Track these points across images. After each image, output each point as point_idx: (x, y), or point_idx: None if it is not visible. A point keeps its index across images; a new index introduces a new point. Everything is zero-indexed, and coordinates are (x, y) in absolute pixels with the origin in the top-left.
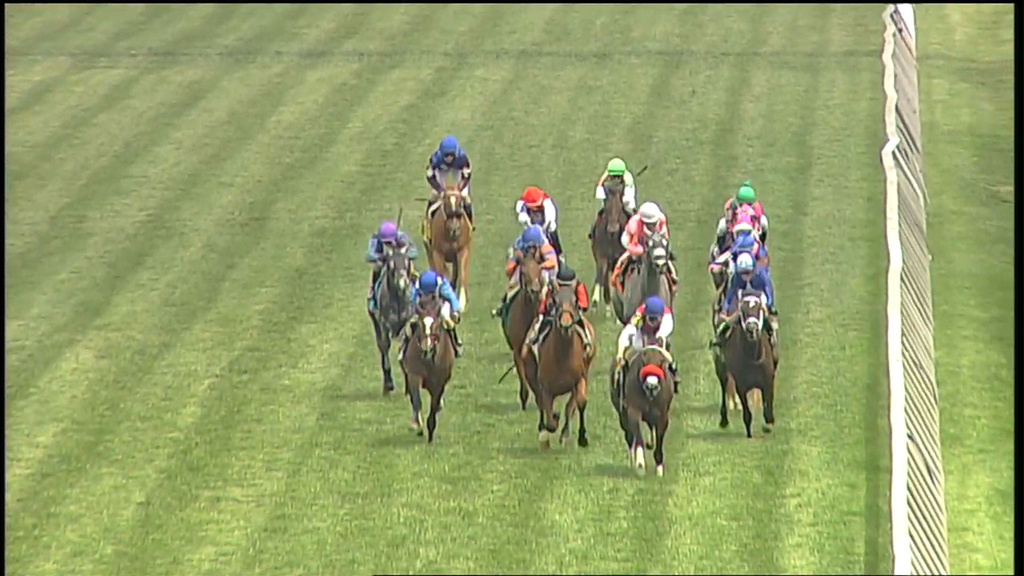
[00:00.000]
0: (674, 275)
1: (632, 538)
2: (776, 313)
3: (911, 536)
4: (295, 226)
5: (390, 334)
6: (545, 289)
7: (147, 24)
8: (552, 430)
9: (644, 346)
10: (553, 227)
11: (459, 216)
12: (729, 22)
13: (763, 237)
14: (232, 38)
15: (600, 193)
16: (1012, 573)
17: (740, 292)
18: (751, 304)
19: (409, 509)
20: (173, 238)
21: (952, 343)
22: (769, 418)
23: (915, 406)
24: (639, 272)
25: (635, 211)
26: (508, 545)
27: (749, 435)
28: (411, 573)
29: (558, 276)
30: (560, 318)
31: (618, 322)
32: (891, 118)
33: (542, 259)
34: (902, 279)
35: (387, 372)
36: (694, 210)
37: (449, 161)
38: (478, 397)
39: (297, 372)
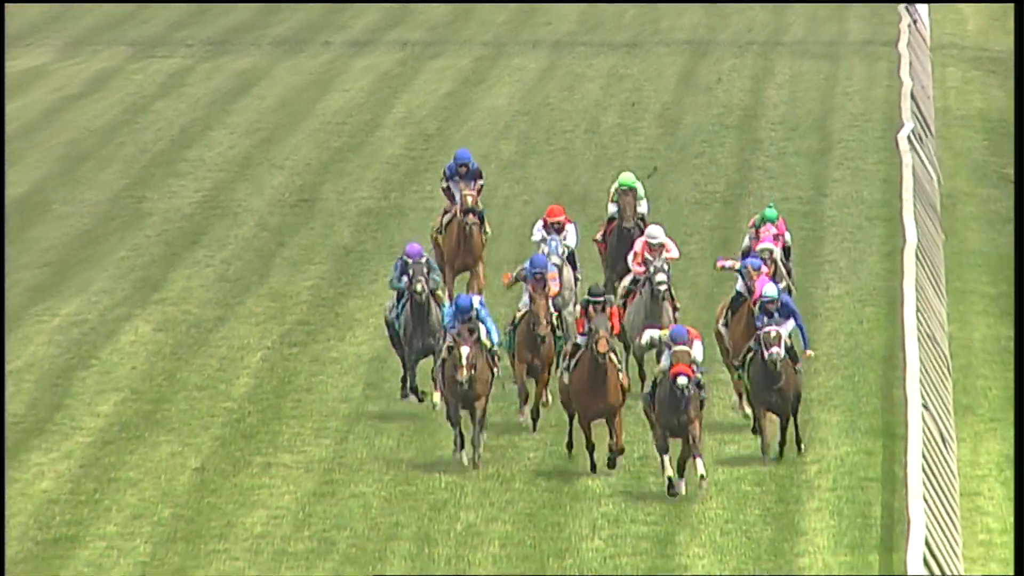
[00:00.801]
0: (676, 301)
1: (661, 502)
2: (807, 349)
3: (925, 501)
4: (342, 206)
5: (416, 361)
6: (578, 308)
7: (201, 16)
8: (590, 450)
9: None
10: (573, 246)
11: (474, 212)
12: (752, 13)
13: (787, 252)
14: (282, 29)
15: (612, 208)
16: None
17: (764, 319)
18: (772, 335)
19: (450, 475)
20: (227, 217)
21: (964, 318)
22: (782, 443)
23: (929, 377)
24: (641, 295)
25: (646, 219)
26: (544, 509)
27: (781, 455)
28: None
29: (589, 293)
30: (596, 344)
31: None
32: (906, 104)
33: (546, 286)
34: (917, 257)
35: (414, 390)
36: (720, 191)
37: (463, 172)
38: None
39: (344, 345)
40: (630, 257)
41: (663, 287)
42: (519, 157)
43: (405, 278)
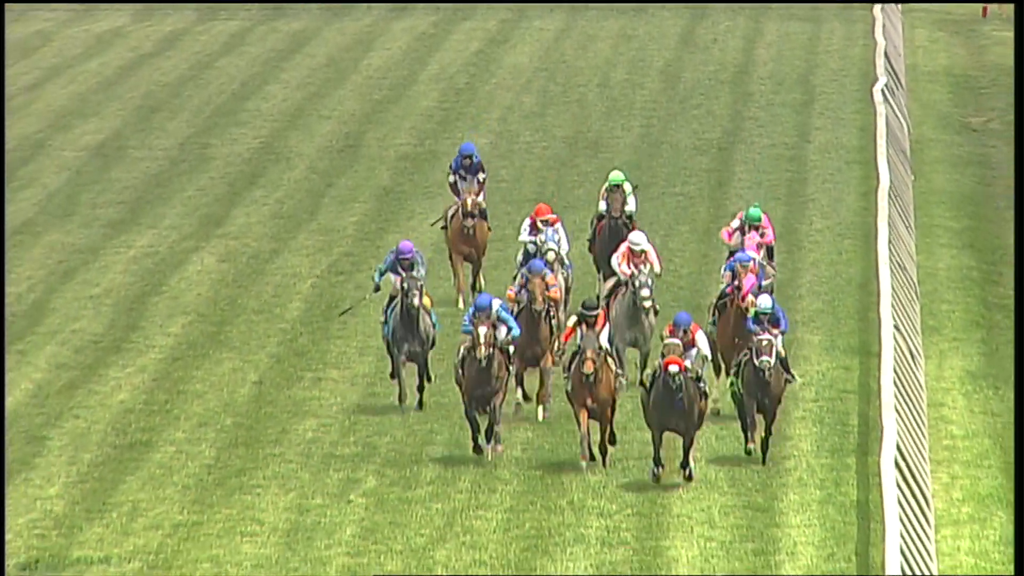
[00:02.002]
0: (656, 306)
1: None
2: (788, 366)
3: (896, 411)
4: (383, 151)
5: (403, 364)
6: (573, 319)
7: None
8: (586, 440)
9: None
10: (566, 247)
11: (474, 216)
12: None
13: (770, 253)
14: None
15: (603, 205)
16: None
17: (757, 328)
18: (764, 343)
19: None
20: (281, 161)
21: (931, 249)
22: (765, 445)
23: (900, 301)
24: (624, 299)
25: (633, 218)
26: (561, 418)
27: (764, 457)
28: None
29: (583, 306)
30: (583, 365)
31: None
32: (880, 61)
33: (547, 287)
34: (889, 196)
35: (400, 392)
36: (716, 138)
37: (467, 165)
38: None
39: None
40: (615, 259)
41: (647, 304)
42: (539, 108)
43: (394, 277)
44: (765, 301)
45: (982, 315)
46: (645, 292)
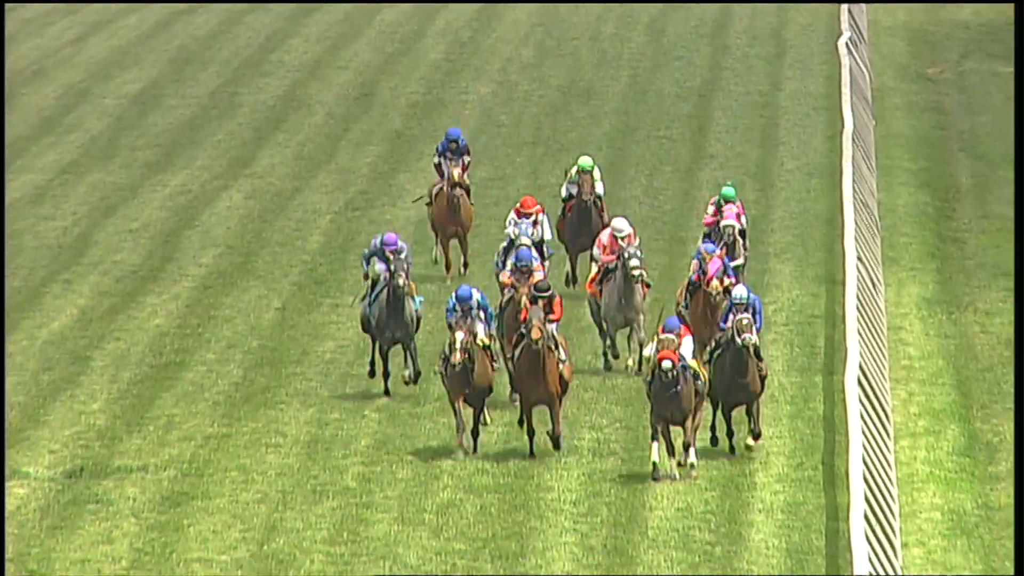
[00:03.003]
0: (647, 280)
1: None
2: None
3: (859, 334)
4: (395, 99)
5: (388, 350)
6: (525, 299)
7: None
8: (530, 435)
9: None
10: (548, 237)
11: (461, 186)
12: None
13: (743, 233)
14: None
15: (564, 191)
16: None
17: (734, 312)
18: (744, 322)
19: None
20: (302, 108)
21: (891, 187)
22: (756, 434)
23: (863, 235)
24: (615, 280)
25: (603, 198)
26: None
27: (732, 450)
28: None
29: (534, 288)
30: (530, 333)
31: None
32: (845, 17)
33: (531, 276)
34: (853, 139)
35: (385, 375)
36: (696, 86)
37: (453, 148)
38: None
39: (396, 209)
40: (596, 251)
41: (636, 272)
42: (536, 59)
43: (380, 265)
44: (740, 291)
45: (937, 247)
46: (635, 262)
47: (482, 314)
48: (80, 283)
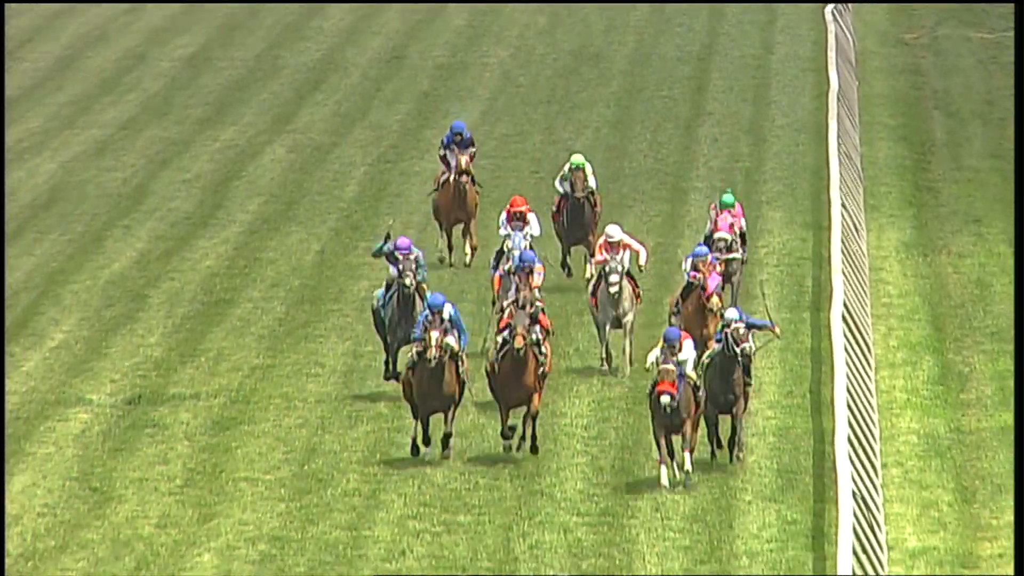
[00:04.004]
0: (639, 288)
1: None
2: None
3: (843, 274)
4: (422, 62)
5: (398, 349)
6: (507, 311)
7: None
8: (507, 438)
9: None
10: (537, 234)
11: (467, 174)
12: None
13: (742, 236)
14: None
15: (558, 184)
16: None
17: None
18: (740, 331)
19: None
20: (339, 70)
21: (872, 142)
22: (740, 448)
23: (847, 184)
24: (604, 286)
25: (596, 191)
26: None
27: (713, 455)
28: None
29: (515, 302)
30: (513, 340)
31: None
32: None
33: (531, 274)
34: (838, 98)
35: (395, 375)
36: (695, 51)
37: (458, 141)
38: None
39: (423, 162)
40: (594, 259)
41: (613, 289)
42: (550, 26)
43: (391, 266)
44: (732, 313)
45: (914, 196)
46: (613, 277)
47: (449, 326)
48: (138, 228)
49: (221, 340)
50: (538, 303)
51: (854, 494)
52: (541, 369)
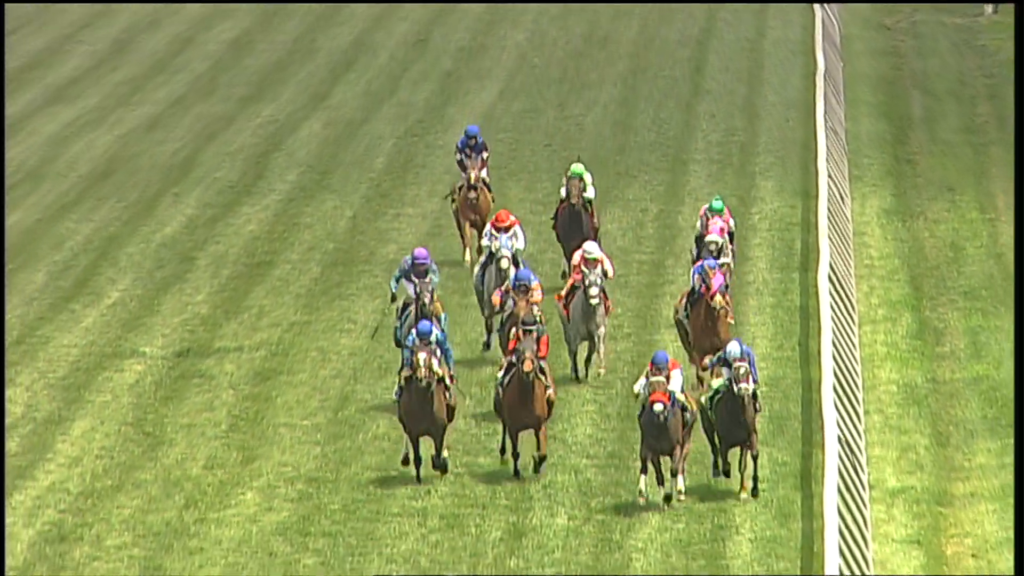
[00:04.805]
0: (609, 303)
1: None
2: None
3: (830, 238)
4: (445, 44)
5: None
6: (513, 333)
7: None
8: (515, 457)
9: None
10: (521, 247)
11: (477, 188)
12: None
13: (731, 236)
14: None
15: (563, 192)
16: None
17: (726, 373)
18: (742, 371)
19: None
20: (369, 52)
21: (856, 118)
22: (756, 480)
23: (833, 157)
24: (579, 299)
25: (592, 202)
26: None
27: (727, 474)
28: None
29: (521, 323)
30: (522, 365)
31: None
32: None
33: (529, 293)
34: (824, 78)
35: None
36: (695, 34)
37: (472, 145)
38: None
39: (447, 136)
40: (571, 266)
41: (594, 301)
42: (562, 11)
43: (409, 287)
44: (734, 347)
45: (894, 167)
46: (593, 290)
47: (439, 350)
48: (187, 196)
49: (262, 298)
50: (540, 325)
51: (839, 438)
52: (548, 393)
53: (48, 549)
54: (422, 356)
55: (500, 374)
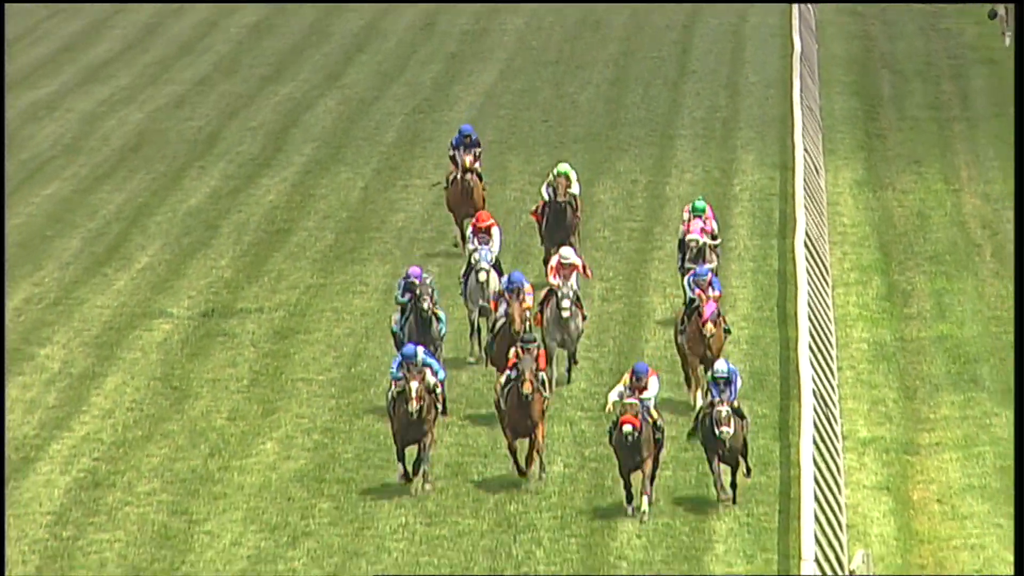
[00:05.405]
0: (584, 311)
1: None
2: (743, 417)
3: (806, 207)
4: (450, 28)
5: None
6: (512, 351)
7: None
8: (516, 459)
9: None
10: (497, 251)
11: (471, 173)
12: None
13: (713, 236)
14: None
15: (545, 191)
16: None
17: (715, 392)
18: (723, 414)
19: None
20: (380, 35)
21: (830, 96)
22: (733, 486)
23: (808, 131)
24: (553, 305)
25: (578, 197)
26: None
27: (719, 497)
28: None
29: (520, 340)
30: (522, 386)
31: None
32: None
33: (521, 296)
34: (801, 59)
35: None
36: (681, 19)
37: (467, 143)
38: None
39: (453, 113)
40: (549, 269)
41: (566, 313)
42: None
43: (409, 295)
44: (721, 366)
45: (865, 141)
46: (565, 303)
47: (428, 371)
48: (211, 168)
49: (281, 263)
50: (538, 341)
51: (814, 392)
52: (546, 402)
53: (83, 494)
54: (414, 385)
55: (501, 384)
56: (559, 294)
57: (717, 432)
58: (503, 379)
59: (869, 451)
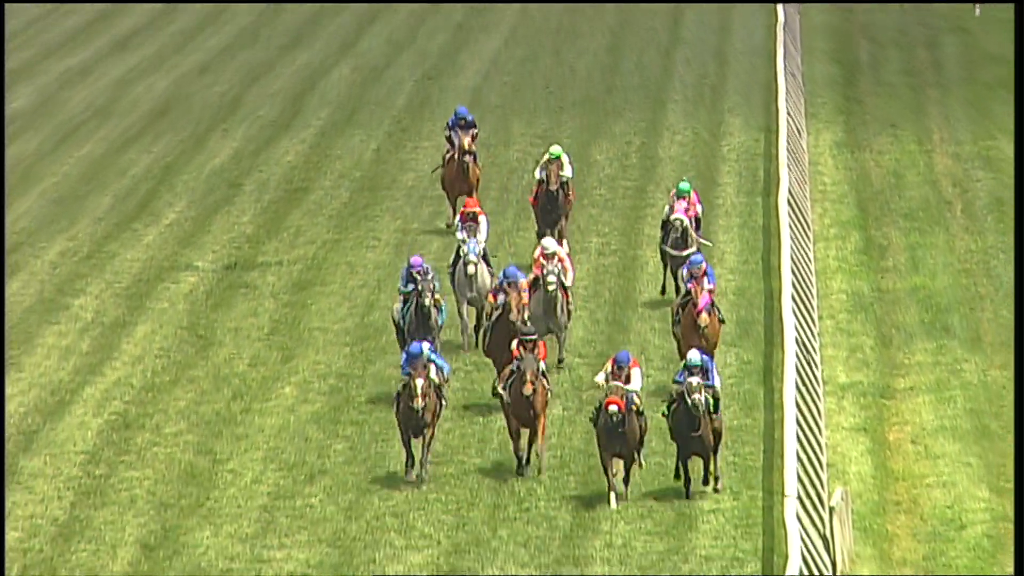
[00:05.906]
0: (570, 297)
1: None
2: (719, 401)
3: (789, 167)
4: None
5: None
6: (516, 341)
7: None
8: (518, 458)
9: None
10: (484, 240)
11: (469, 154)
12: None
13: (697, 222)
14: None
15: (538, 173)
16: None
17: (686, 375)
18: (694, 384)
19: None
20: (391, 8)
21: (811, 63)
22: (708, 481)
23: (792, 96)
24: (539, 290)
25: (570, 180)
26: None
27: (688, 496)
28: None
29: (521, 334)
30: (523, 386)
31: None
32: None
33: (521, 291)
34: (784, 28)
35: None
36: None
37: (462, 124)
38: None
39: (459, 79)
40: (534, 263)
41: (551, 287)
42: None
43: (411, 285)
44: (694, 356)
45: (844, 105)
46: (551, 278)
47: (432, 367)
48: (234, 131)
49: (299, 219)
50: (537, 335)
51: (796, 340)
52: (547, 394)
53: (114, 435)
54: (419, 382)
55: (504, 376)
56: (546, 271)
57: (689, 400)
58: (507, 372)
59: (848, 395)
